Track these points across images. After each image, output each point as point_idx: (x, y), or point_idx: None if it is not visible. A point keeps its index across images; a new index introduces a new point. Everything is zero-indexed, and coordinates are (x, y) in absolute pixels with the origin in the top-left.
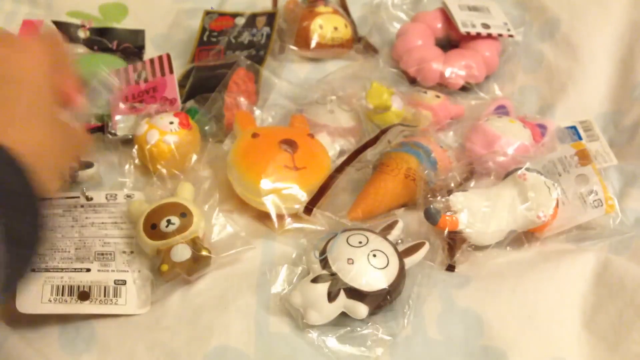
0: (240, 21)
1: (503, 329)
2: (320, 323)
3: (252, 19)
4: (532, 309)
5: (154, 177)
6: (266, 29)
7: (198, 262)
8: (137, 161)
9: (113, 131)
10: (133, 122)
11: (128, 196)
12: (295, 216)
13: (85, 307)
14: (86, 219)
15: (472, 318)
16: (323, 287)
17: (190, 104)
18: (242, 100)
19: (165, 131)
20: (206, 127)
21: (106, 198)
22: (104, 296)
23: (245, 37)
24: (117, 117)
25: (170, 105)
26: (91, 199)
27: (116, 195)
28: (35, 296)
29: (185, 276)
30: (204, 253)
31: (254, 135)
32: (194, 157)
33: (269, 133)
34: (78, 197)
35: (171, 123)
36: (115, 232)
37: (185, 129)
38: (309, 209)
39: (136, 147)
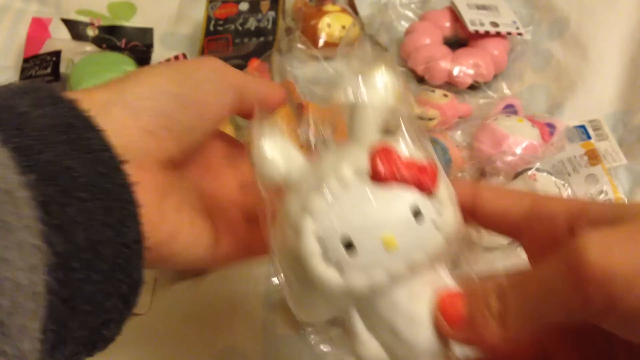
0: (244, 7)
1: None
2: (315, 320)
3: (256, 3)
4: None
5: None
6: (271, 13)
7: None
8: None
9: None
10: None
11: None
12: None
13: None
14: None
15: None
16: None
17: None
18: None
19: None
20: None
21: None
22: None
23: (252, 24)
24: None
25: None
26: None
27: None
28: None
29: None
30: None
31: (299, 106)
32: None
33: (314, 109)
34: None
35: None
36: None
37: None
38: None
39: None
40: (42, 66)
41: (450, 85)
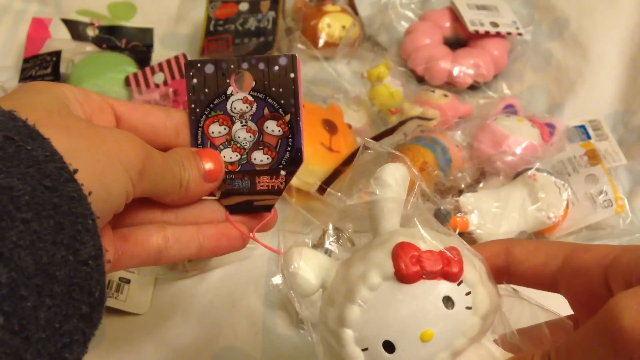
0: (244, 7)
1: None
2: (314, 320)
3: (256, 3)
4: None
5: None
6: (271, 13)
7: None
8: None
9: None
10: None
11: None
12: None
13: None
14: None
15: None
16: None
17: None
18: None
19: None
20: None
21: None
22: (107, 289)
23: (252, 24)
24: None
25: None
26: None
27: None
28: None
29: (184, 263)
30: None
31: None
32: None
33: (314, 109)
34: None
35: None
36: None
37: None
38: (322, 188)
39: None
40: (42, 66)
41: (450, 85)
